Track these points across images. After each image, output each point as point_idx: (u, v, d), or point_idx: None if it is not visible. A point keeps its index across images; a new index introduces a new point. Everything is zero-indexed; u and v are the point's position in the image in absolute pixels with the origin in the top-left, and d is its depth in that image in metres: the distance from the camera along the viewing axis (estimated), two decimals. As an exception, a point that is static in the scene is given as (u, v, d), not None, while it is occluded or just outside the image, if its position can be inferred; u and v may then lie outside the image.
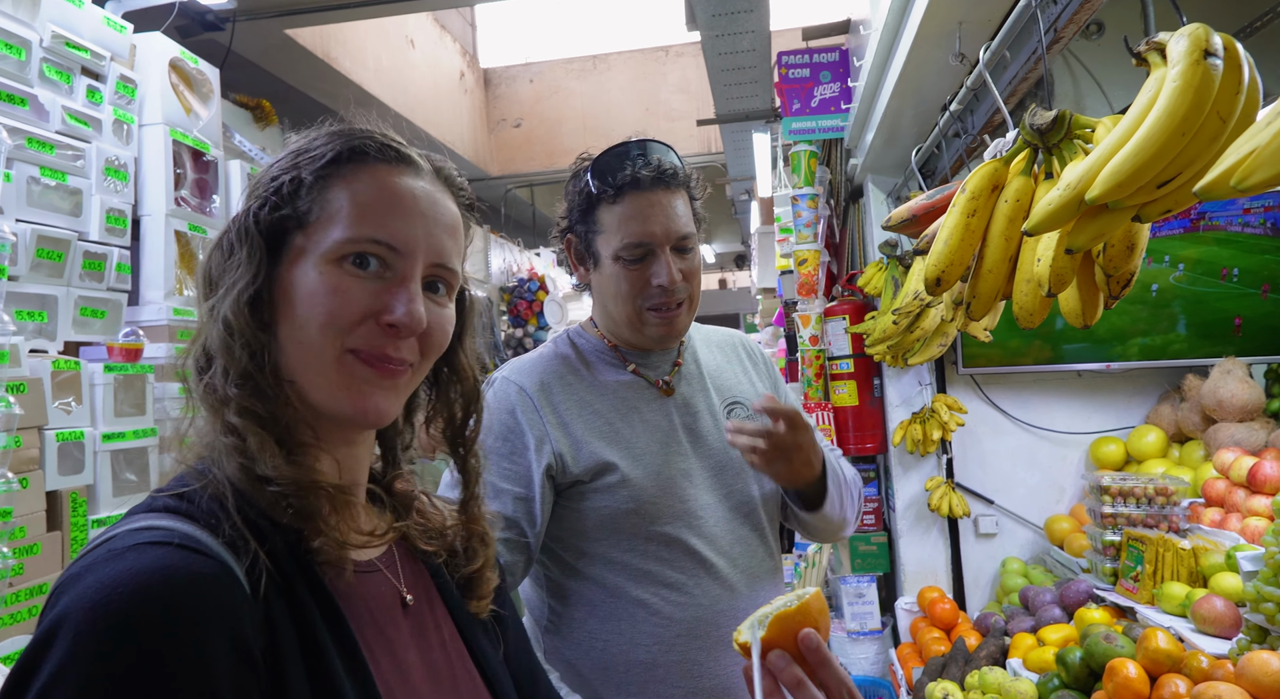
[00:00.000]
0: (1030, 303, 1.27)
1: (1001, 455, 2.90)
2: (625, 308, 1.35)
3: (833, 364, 3.09)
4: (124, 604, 0.54)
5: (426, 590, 0.82)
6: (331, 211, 0.72)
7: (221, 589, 0.59)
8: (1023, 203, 1.24)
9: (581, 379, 1.37)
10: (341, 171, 0.73)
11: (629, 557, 1.29)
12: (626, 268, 1.33)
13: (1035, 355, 2.81)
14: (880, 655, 3.00)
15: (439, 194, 0.78)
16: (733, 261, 13.07)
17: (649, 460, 1.32)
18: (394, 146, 0.76)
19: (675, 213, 1.33)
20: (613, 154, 1.35)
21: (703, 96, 6.53)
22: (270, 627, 0.62)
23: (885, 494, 3.16)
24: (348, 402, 0.71)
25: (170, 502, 0.66)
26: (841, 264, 3.57)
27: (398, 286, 0.72)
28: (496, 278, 7.10)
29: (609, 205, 1.33)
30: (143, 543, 0.59)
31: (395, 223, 0.72)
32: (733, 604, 1.32)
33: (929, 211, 1.66)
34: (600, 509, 1.29)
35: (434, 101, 6.75)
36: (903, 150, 2.54)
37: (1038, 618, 2.27)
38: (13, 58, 1.96)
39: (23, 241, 1.91)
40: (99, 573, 0.56)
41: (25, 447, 1.70)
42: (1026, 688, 1.95)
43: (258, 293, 0.71)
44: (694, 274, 1.37)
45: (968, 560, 2.90)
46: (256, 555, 0.63)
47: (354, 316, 0.70)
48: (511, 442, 1.30)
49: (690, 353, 1.48)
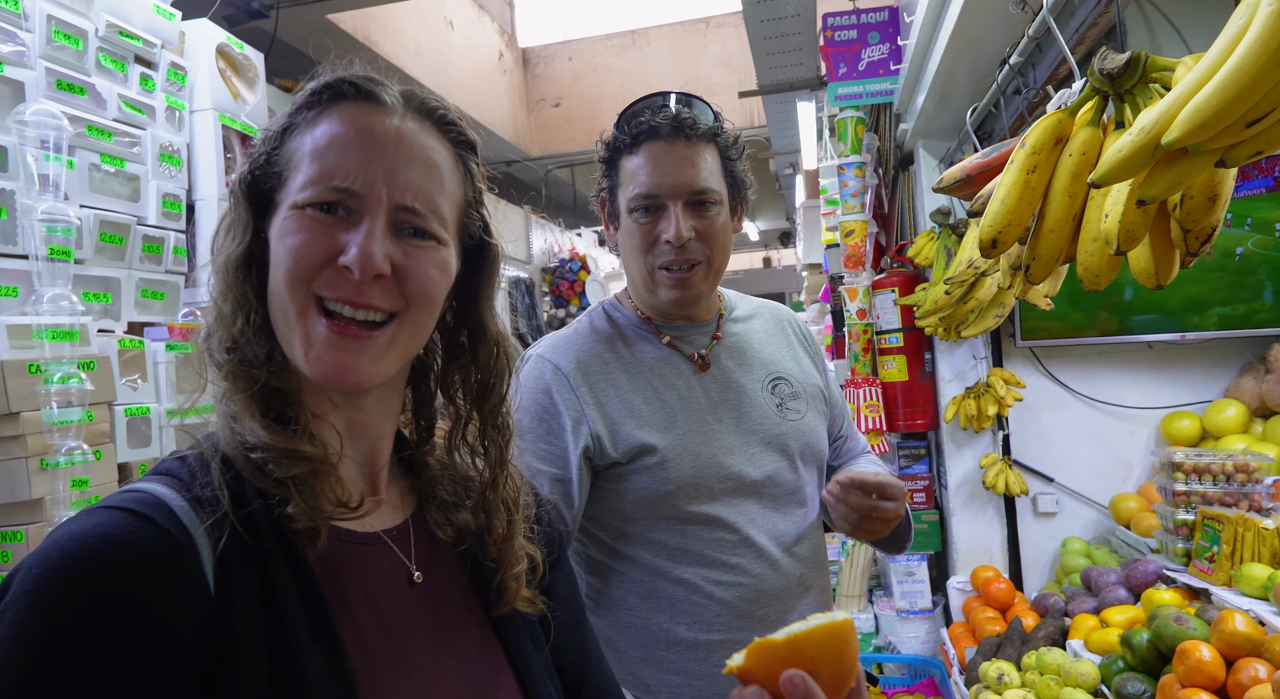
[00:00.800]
0: (1096, 263, 1.21)
1: (1062, 431, 2.81)
2: (639, 266, 1.31)
3: (881, 338, 3.02)
4: (47, 567, 0.55)
5: (448, 569, 0.77)
6: (296, 160, 0.70)
7: (149, 559, 0.57)
8: (1089, 156, 1.18)
9: (618, 356, 1.33)
10: (307, 117, 0.71)
11: (669, 536, 1.26)
12: (638, 222, 1.29)
13: (1101, 327, 2.69)
14: (931, 635, 2.95)
15: (414, 130, 0.72)
16: (777, 239, 12.90)
17: (688, 440, 1.28)
18: (354, 83, 0.72)
19: (692, 164, 1.27)
20: (639, 103, 1.31)
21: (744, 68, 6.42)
22: (226, 596, 0.60)
23: (936, 471, 3.09)
24: (316, 366, 0.67)
25: (172, 464, 0.66)
26: (890, 235, 3.49)
27: (355, 230, 0.68)
28: (538, 258, 7.12)
29: (627, 155, 1.29)
30: (103, 507, 0.60)
31: (349, 163, 0.68)
32: (776, 583, 1.29)
33: (984, 170, 1.59)
34: (639, 490, 1.26)
35: (473, 82, 6.77)
36: (956, 112, 2.45)
37: (1101, 599, 2.20)
38: (71, 48, 2.00)
39: (87, 226, 1.96)
40: (56, 533, 0.58)
41: (97, 421, 1.75)
42: (1089, 669, 1.89)
43: (247, 255, 0.70)
44: (713, 236, 1.29)
45: (1025, 540, 2.82)
46: (224, 518, 0.62)
47: (314, 261, 0.67)
48: (547, 422, 1.27)
49: (730, 325, 1.42)
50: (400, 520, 0.77)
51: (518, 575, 0.78)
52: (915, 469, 3.10)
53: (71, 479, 1.55)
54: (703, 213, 1.28)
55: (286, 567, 0.64)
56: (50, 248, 1.68)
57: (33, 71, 1.85)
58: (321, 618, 0.64)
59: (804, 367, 1.45)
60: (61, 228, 1.71)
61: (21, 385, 1.53)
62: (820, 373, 1.49)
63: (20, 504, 1.54)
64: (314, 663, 0.61)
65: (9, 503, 1.53)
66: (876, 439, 2.96)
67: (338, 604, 0.66)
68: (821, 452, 1.41)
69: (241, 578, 0.61)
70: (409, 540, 0.76)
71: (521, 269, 6.87)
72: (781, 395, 1.39)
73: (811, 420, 1.40)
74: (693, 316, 1.38)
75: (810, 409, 1.40)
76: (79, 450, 1.58)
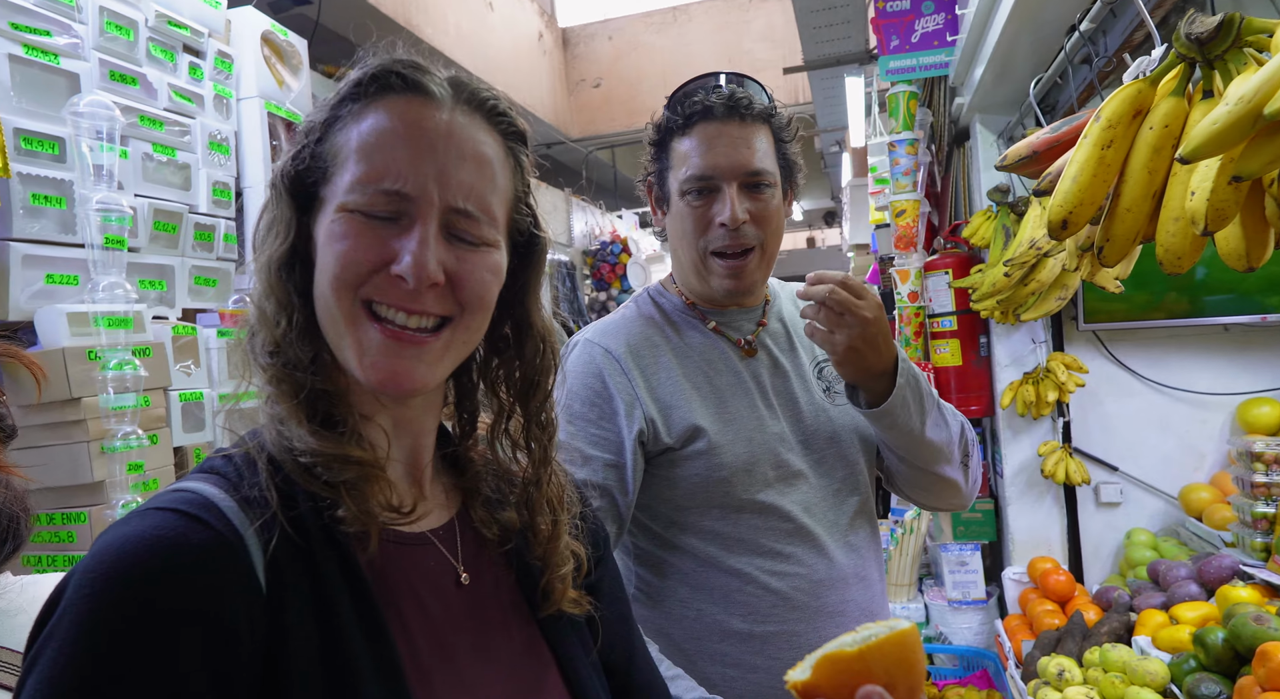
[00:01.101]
0: (1179, 244, 1.14)
1: (1128, 419, 2.69)
2: (690, 251, 1.28)
3: (933, 322, 2.94)
4: (103, 571, 0.55)
5: (494, 569, 0.76)
6: (343, 157, 0.67)
7: (204, 562, 0.57)
8: (1173, 129, 1.10)
9: (668, 340, 1.31)
10: (352, 110, 0.68)
11: (722, 525, 1.24)
12: (690, 205, 1.25)
13: (1169, 309, 2.56)
14: (985, 626, 2.88)
15: (464, 124, 0.69)
16: (821, 219, 12.70)
17: (740, 425, 1.26)
18: (401, 73, 0.68)
19: (748, 144, 1.23)
20: (691, 83, 1.28)
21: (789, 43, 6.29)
22: (278, 597, 0.59)
23: (992, 459, 3.01)
24: (372, 372, 0.66)
25: (217, 462, 0.66)
26: (943, 215, 3.39)
27: (405, 234, 0.66)
28: (579, 241, 7.11)
29: (679, 137, 1.26)
30: (153, 508, 0.59)
31: (399, 165, 0.66)
32: (831, 573, 1.26)
33: (1053, 146, 1.51)
34: (692, 477, 1.24)
35: (513, 64, 6.75)
36: (1017, 85, 2.34)
37: (1170, 594, 2.11)
38: (123, 38, 2.02)
39: (141, 215, 1.99)
40: (107, 536, 0.57)
41: (153, 406, 1.79)
42: (1157, 669, 1.81)
43: (291, 253, 0.68)
44: (767, 219, 1.26)
45: (1086, 530, 2.72)
46: (274, 519, 0.61)
47: (363, 267, 0.65)
48: (599, 407, 1.24)
49: (776, 311, 1.39)
50: (446, 520, 0.76)
51: (564, 576, 0.77)
52: (969, 456, 3.01)
53: (128, 463, 1.59)
54: (757, 195, 1.25)
55: (337, 568, 0.63)
56: (106, 237, 1.70)
57: (87, 63, 1.88)
58: (372, 620, 0.63)
59: None
60: (116, 217, 1.73)
61: (82, 372, 1.57)
62: None
63: (82, 487, 1.59)
64: (366, 664, 0.60)
65: (72, 485, 1.59)
66: (928, 425, 2.88)
67: (387, 606, 0.65)
68: (869, 435, 1.37)
69: (293, 578, 0.60)
70: (455, 540, 0.75)
71: (562, 252, 6.87)
72: (829, 379, 1.36)
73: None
74: (741, 302, 1.35)
75: None
76: (134, 435, 1.61)
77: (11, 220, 1.60)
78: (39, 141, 1.68)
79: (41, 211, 1.67)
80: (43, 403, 1.57)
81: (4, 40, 1.65)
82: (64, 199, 1.71)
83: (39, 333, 1.60)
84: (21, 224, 1.62)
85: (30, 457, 1.60)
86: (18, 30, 1.67)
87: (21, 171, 1.62)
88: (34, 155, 1.67)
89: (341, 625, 0.61)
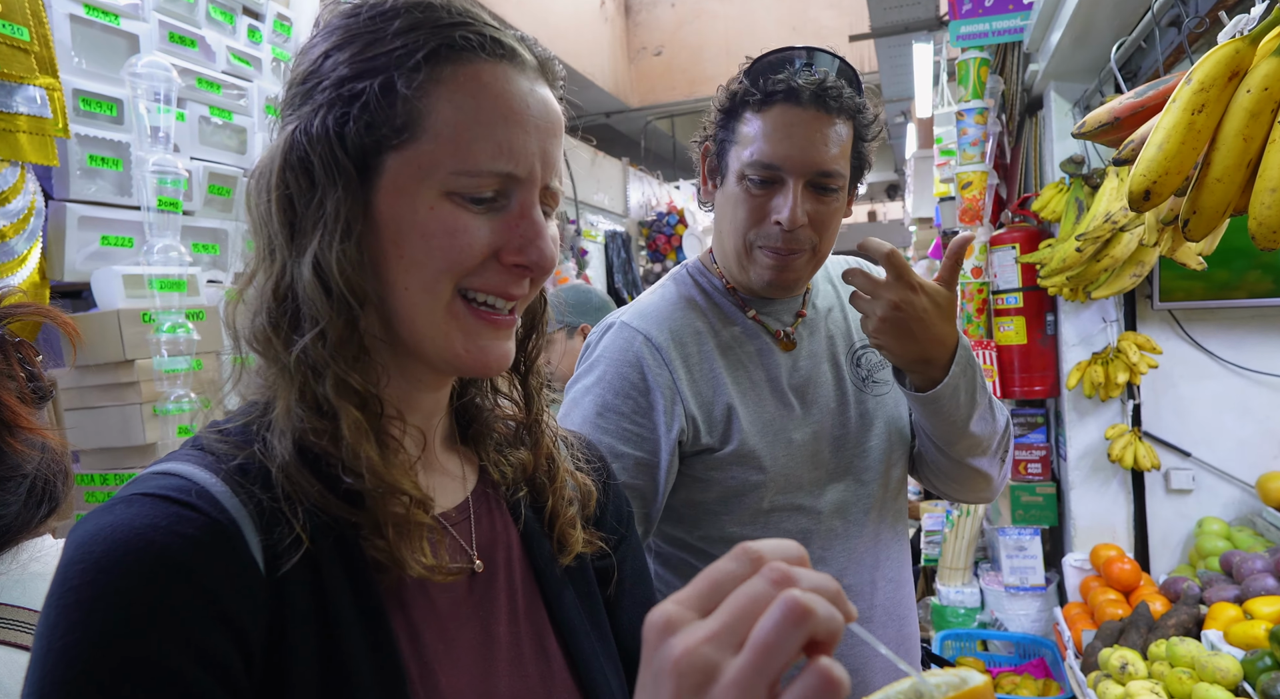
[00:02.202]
0: (1275, 217, 1.04)
1: (1203, 402, 2.56)
2: (736, 239, 1.18)
3: (998, 298, 2.82)
4: (92, 563, 0.51)
5: (507, 549, 0.72)
6: (433, 129, 0.60)
7: (203, 551, 0.53)
8: (1274, 92, 1.00)
9: (712, 330, 1.22)
10: (438, 74, 0.60)
11: (751, 529, 1.17)
12: (748, 192, 1.15)
13: (1251, 288, 2.41)
14: (1043, 613, 2.79)
15: (546, 92, 0.65)
16: (884, 192, 12.36)
17: (780, 427, 1.18)
18: (496, 37, 0.63)
19: (825, 140, 1.12)
20: (776, 54, 1.15)
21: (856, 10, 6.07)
22: (278, 592, 0.56)
23: (1055, 442, 2.90)
24: (468, 358, 0.63)
25: (213, 440, 0.61)
26: (1012, 187, 3.24)
27: (520, 220, 0.62)
28: (635, 212, 7.05)
29: (753, 112, 1.14)
30: (140, 494, 0.55)
31: (512, 144, 0.61)
32: (861, 577, 1.21)
33: (1136, 112, 1.41)
34: (728, 480, 1.16)
35: (575, 31, 6.68)
36: (1096, 50, 2.20)
37: (1244, 587, 2.01)
38: (183, 0, 2.03)
39: (197, 178, 2.02)
40: (88, 525, 0.54)
41: (205, 369, 1.82)
42: (1229, 665, 1.72)
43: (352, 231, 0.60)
44: (826, 223, 1.16)
45: (1154, 518, 2.61)
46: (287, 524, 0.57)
47: (476, 259, 0.61)
48: (635, 400, 1.15)
49: (814, 298, 1.30)
50: (460, 499, 0.71)
51: (572, 519, 0.75)
52: (1031, 438, 2.91)
53: (179, 427, 1.62)
54: (822, 197, 1.15)
55: (338, 558, 0.59)
56: (160, 199, 1.73)
57: (147, 24, 1.89)
58: (374, 616, 0.59)
59: None
60: (171, 179, 1.75)
61: (135, 334, 1.59)
62: None
63: (135, 448, 1.61)
64: (364, 666, 0.57)
65: (125, 446, 1.61)
66: (988, 406, 2.79)
67: (391, 601, 0.62)
68: (906, 428, 1.30)
69: (292, 569, 0.57)
70: (469, 523, 0.70)
71: (618, 223, 6.83)
72: (868, 367, 1.28)
73: (897, 393, 1.29)
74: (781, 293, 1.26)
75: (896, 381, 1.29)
76: (187, 398, 1.64)
77: (69, 181, 1.63)
78: (97, 103, 1.70)
79: (98, 173, 1.70)
80: (98, 364, 1.60)
81: (65, 0, 1.67)
82: (120, 161, 1.73)
83: (95, 294, 1.64)
84: (79, 185, 1.64)
85: (84, 417, 1.63)
86: (79, -9, 1.69)
87: (80, 132, 1.65)
88: (92, 116, 1.69)
89: (341, 624, 0.57)
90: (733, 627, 0.40)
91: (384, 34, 0.61)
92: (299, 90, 0.63)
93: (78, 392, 1.63)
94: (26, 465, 0.96)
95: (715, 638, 0.40)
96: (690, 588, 0.43)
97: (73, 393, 1.64)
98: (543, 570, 0.73)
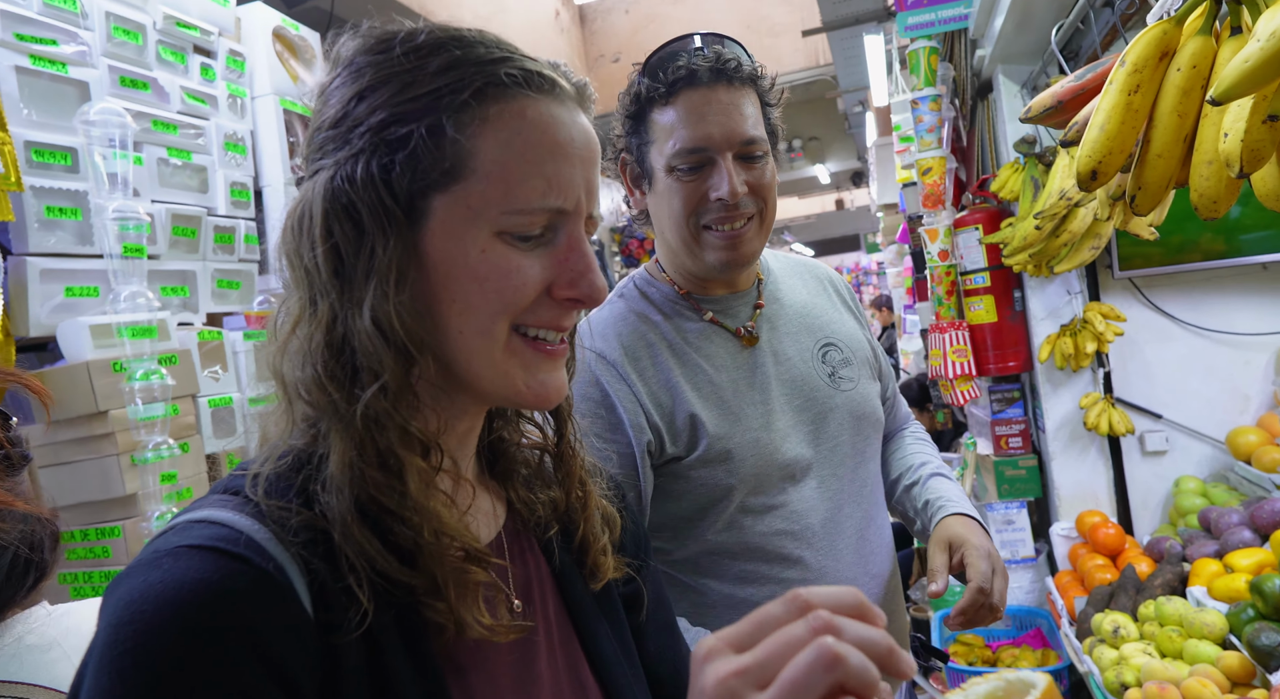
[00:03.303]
0: (1213, 188, 1.08)
1: (1169, 365, 2.62)
2: (680, 229, 1.18)
3: (966, 279, 2.87)
4: (145, 624, 0.49)
5: (540, 584, 0.71)
6: (481, 169, 0.59)
7: (258, 605, 0.51)
8: (1201, 69, 1.04)
9: (663, 338, 1.21)
10: (484, 113, 0.59)
11: (727, 535, 1.17)
12: (681, 180, 1.16)
13: (1205, 250, 2.47)
14: (1035, 584, 2.84)
15: (584, 121, 0.65)
16: (849, 180, 12.46)
17: (746, 426, 1.17)
18: (538, 71, 0.62)
19: (739, 112, 1.14)
20: (666, 49, 1.17)
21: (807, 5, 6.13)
22: (326, 628, 0.54)
23: (1033, 415, 2.94)
24: (529, 393, 0.63)
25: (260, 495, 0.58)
26: (971, 170, 3.29)
27: (570, 254, 0.62)
28: (607, 218, 7.06)
29: (661, 107, 1.16)
30: (185, 546, 0.52)
31: (560, 179, 0.60)
32: (842, 575, 1.21)
33: (1077, 95, 1.44)
34: (698, 488, 1.16)
35: (531, 42, 6.67)
36: (1039, 33, 2.25)
37: (1223, 542, 2.05)
38: (131, 43, 2.02)
39: (159, 221, 2.01)
40: (132, 581, 0.51)
41: (182, 414, 1.81)
42: (1215, 620, 1.76)
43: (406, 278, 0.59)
44: (765, 188, 1.18)
45: (1133, 481, 2.66)
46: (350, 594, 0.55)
47: (530, 298, 0.61)
48: (603, 418, 1.15)
49: (772, 290, 1.30)
50: (493, 535, 0.70)
51: (604, 547, 0.74)
52: (1009, 413, 2.95)
53: (161, 474, 1.60)
54: (751, 165, 1.17)
55: (393, 622, 0.58)
56: (124, 246, 1.72)
57: (96, 70, 1.88)
58: (431, 674, 0.58)
59: (850, 329, 1.34)
60: (134, 225, 1.75)
61: (107, 384, 1.58)
62: (865, 331, 1.39)
63: (115, 500, 1.59)
64: None
65: (105, 500, 1.59)
66: (966, 385, 2.83)
67: (442, 655, 0.60)
68: (878, 420, 1.32)
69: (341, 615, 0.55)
70: (504, 559, 0.69)
71: (589, 230, 6.83)
72: (833, 363, 1.28)
73: (865, 387, 1.30)
74: (734, 285, 1.26)
75: (862, 375, 1.31)
76: (165, 445, 1.63)
77: (28, 234, 1.61)
78: (50, 153, 1.69)
79: (57, 223, 1.68)
80: (70, 418, 1.58)
81: (9, 52, 1.65)
82: (79, 210, 1.72)
83: (61, 347, 1.62)
84: (38, 238, 1.63)
85: (60, 473, 1.60)
86: (23, 41, 1.67)
87: (34, 184, 1.63)
88: (46, 167, 1.68)
89: (397, 678, 0.56)
90: (763, 664, 0.43)
91: (423, 73, 0.59)
92: (330, 134, 0.60)
93: (51, 448, 1.61)
94: (5, 537, 0.91)
95: (745, 673, 0.43)
96: (737, 626, 0.46)
97: (46, 449, 1.62)
98: (576, 603, 0.72)
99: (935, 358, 2.90)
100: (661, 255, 1.29)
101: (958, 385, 2.81)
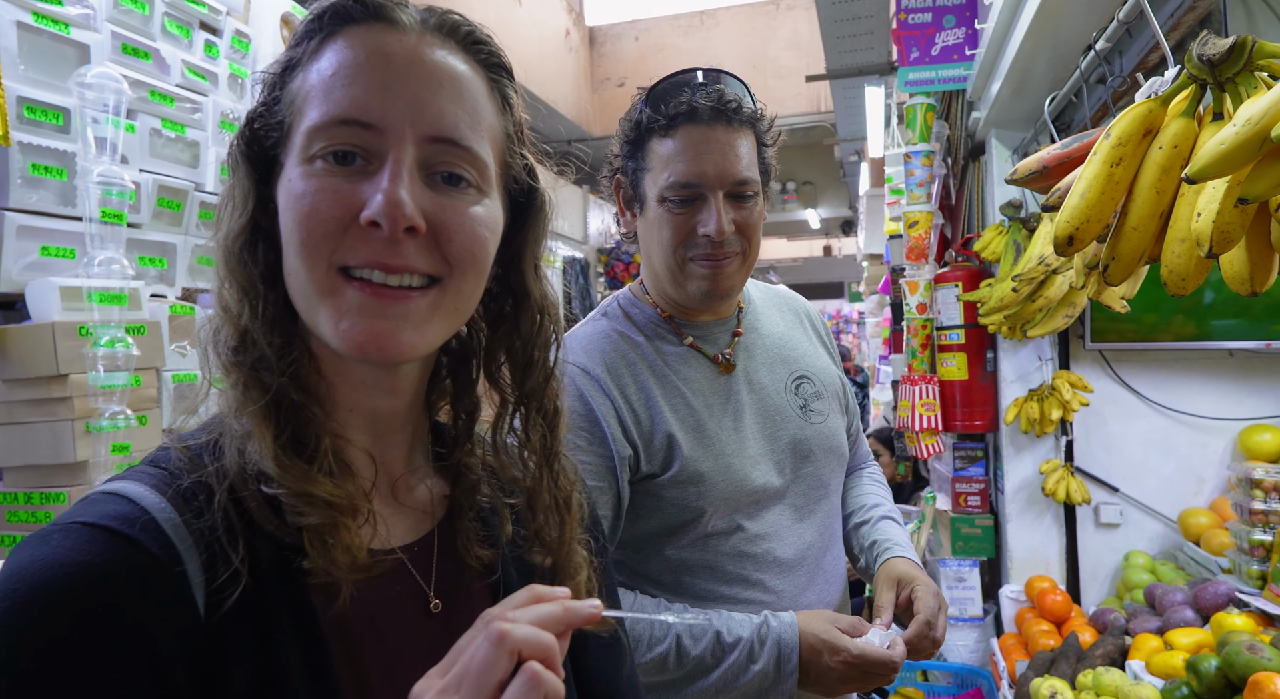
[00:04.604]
0: (1183, 266, 1.11)
1: (1131, 440, 2.66)
2: (666, 258, 1.20)
3: (941, 334, 2.91)
4: (15, 602, 0.49)
5: (472, 599, 0.67)
6: (299, 103, 0.59)
7: (135, 592, 0.50)
8: (1182, 150, 1.08)
9: (644, 358, 1.23)
10: (308, 50, 0.60)
11: (691, 553, 1.19)
12: (671, 212, 1.18)
13: (1177, 331, 2.53)
14: (980, 644, 2.85)
15: (436, 50, 0.61)
16: (839, 227, 12.63)
17: (719, 450, 1.20)
18: (361, 2, 0.60)
19: (735, 153, 1.16)
20: (672, 81, 1.20)
21: (814, 51, 6.26)
22: (219, 632, 0.53)
23: (993, 475, 2.97)
24: (350, 335, 0.57)
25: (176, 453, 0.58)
26: (956, 228, 3.35)
27: (377, 175, 0.57)
28: (594, 239, 7.10)
29: (660, 138, 1.18)
30: (79, 523, 0.52)
31: (362, 94, 0.57)
32: (800, 600, 1.22)
33: (1063, 163, 1.49)
34: (668, 508, 1.18)
35: (539, 61, 6.75)
36: (1033, 101, 2.32)
37: (1165, 619, 2.08)
38: (137, 12, 2.02)
39: (145, 191, 1.98)
40: (21, 555, 0.51)
41: (144, 386, 1.77)
42: (1149, 694, 1.78)
43: (252, 229, 0.59)
44: (751, 228, 1.20)
45: (1084, 551, 2.69)
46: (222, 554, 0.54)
47: (331, 224, 0.56)
48: (587, 431, 1.16)
49: (751, 320, 1.33)
50: (424, 533, 0.67)
51: (579, 585, 0.69)
52: (971, 471, 2.98)
53: (114, 444, 1.57)
54: (741, 204, 1.19)
55: (285, 598, 0.57)
56: (104, 211, 1.69)
57: (99, 34, 1.87)
58: (317, 652, 0.56)
59: (824, 363, 1.38)
60: (116, 191, 1.73)
61: (71, 348, 1.55)
62: (837, 366, 1.42)
63: (64, 466, 1.55)
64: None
65: (54, 464, 1.55)
66: (932, 438, 2.85)
67: (335, 636, 0.58)
68: (843, 454, 1.35)
69: (233, 602, 0.54)
70: (430, 560, 0.66)
71: (577, 249, 6.86)
72: (805, 396, 1.31)
73: (834, 422, 1.33)
74: (716, 312, 1.29)
75: (832, 410, 1.33)
76: (123, 415, 1.59)
77: (9, 189, 1.59)
78: (43, 111, 1.67)
79: (41, 182, 1.66)
80: (29, 378, 1.54)
81: (12, 7, 1.64)
82: (65, 171, 1.70)
83: (29, 306, 1.59)
84: (19, 194, 1.60)
85: (11, 433, 1.56)
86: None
87: (22, 141, 1.61)
88: (37, 125, 1.66)
89: (283, 662, 0.54)
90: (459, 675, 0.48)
91: (300, 30, 0.62)
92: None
93: (4, 406, 1.57)
94: None
95: (446, 690, 0.47)
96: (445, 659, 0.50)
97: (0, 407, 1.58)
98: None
99: (904, 408, 2.93)
100: (646, 278, 1.31)
101: (923, 438, 2.84)
